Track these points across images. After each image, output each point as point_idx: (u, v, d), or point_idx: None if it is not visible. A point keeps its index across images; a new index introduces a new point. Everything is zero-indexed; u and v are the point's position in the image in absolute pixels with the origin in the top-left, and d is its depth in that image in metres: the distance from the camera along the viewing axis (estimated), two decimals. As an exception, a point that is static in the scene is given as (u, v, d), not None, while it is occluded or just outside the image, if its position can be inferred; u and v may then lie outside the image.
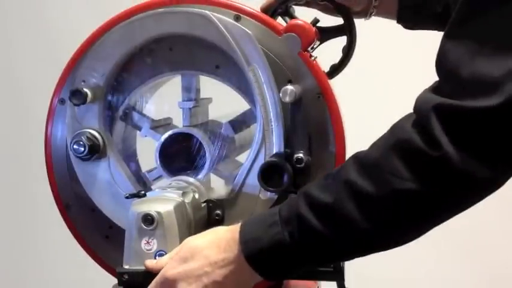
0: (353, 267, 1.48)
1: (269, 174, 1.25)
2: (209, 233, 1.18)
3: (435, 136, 0.98)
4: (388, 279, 2.72)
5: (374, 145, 1.06)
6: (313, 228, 1.06)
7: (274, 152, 1.28)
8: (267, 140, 1.29)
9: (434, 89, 1.02)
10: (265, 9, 1.39)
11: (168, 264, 1.15)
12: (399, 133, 1.03)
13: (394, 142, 1.03)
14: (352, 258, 1.13)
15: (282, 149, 1.28)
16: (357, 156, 1.07)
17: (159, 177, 1.42)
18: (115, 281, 1.19)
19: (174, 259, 1.15)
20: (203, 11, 1.30)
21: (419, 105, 1.02)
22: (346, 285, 1.40)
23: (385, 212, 1.03)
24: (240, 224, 1.14)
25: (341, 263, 1.38)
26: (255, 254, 1.10)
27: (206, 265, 1.13)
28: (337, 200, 1.05)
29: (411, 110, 1.04)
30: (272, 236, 1.09)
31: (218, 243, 1.14)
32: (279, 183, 1.25)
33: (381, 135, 1.06)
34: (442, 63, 1.02)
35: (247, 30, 1.29)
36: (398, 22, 1.50)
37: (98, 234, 1.38)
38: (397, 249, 1.07)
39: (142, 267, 1.17)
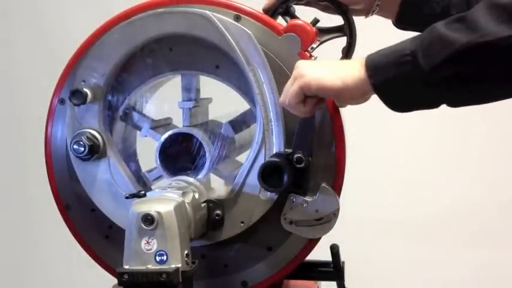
0: (353, 267, 1.49)
1: (269, 174, 1.25)
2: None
3: None
4: (388, 279, 2.72)
5: None
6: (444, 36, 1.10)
7: (274, 152, 1.28)
8: (267, 140, 1.29)
9: None
10: (266, 9, 1.40)
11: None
12: None
13: None
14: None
15: (282, 149, 1.28)
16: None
17: (159, 177, 1.42)
18: (115, 281, 1.19)
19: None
20: (203, 11, 1.30)
21: None
22: (346, 285, 1.40)
23: None
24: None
25: (341, 263, 1.39)
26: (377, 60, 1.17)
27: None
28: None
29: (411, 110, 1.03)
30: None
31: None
32: (279, 183, 1.25)
33: (380, 135, 1.06)
34: None
35: (247, 30, 1.29)
36: (395, 20, 1.50)
37: (98, 234, 1.39)
38: (397, 249, 1.08)
39: (143, 267, 1.17)
